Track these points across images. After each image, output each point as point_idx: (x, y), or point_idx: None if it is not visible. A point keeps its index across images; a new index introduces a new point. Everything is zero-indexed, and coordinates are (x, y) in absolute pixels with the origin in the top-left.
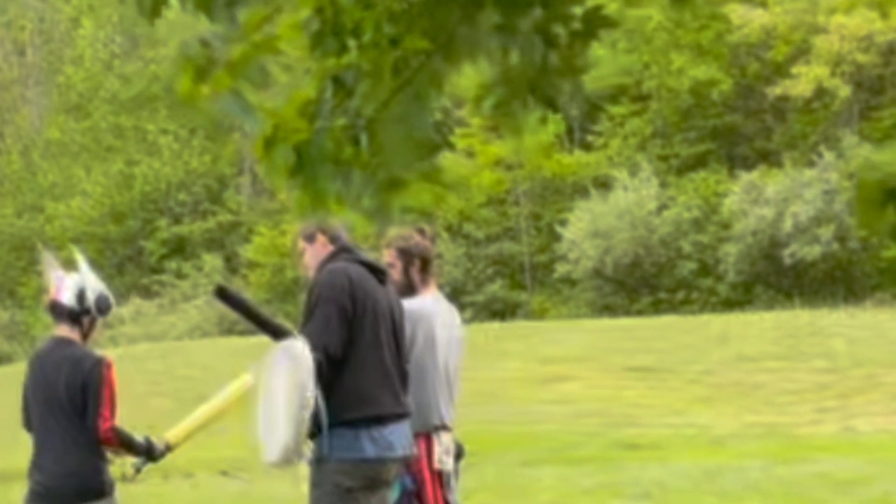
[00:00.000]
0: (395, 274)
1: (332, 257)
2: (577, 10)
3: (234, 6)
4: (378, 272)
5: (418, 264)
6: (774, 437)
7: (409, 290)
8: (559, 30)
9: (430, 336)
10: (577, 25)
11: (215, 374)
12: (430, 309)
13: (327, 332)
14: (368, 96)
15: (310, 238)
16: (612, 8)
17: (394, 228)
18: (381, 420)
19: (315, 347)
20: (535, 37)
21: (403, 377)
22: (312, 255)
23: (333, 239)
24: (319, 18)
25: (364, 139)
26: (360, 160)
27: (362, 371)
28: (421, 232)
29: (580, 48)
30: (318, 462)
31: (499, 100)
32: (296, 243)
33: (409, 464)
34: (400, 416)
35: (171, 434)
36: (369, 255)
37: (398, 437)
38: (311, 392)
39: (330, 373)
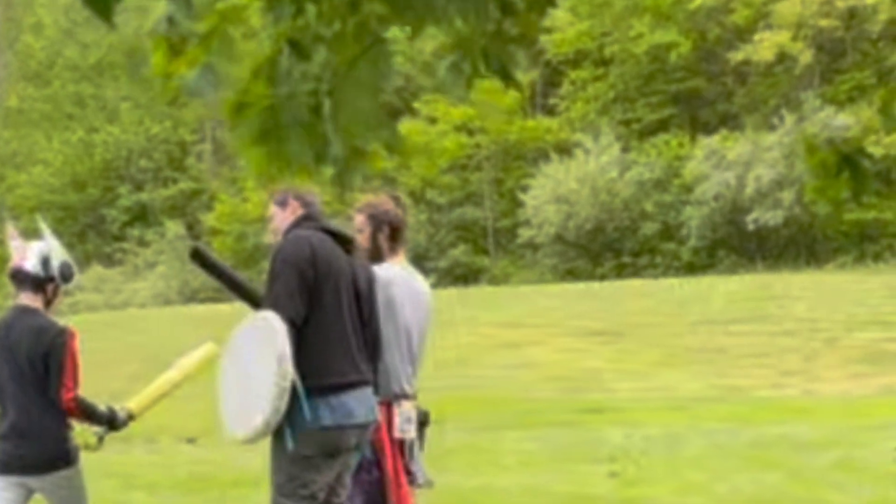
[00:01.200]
0: (364, 239)
1: (297, 224)
2: None
3: None
4: (344, 241)
5: (387, 231)
6: (737, 400)
7: (377, 256)
8: None
9: (391, 303)
10: None
11: (177, 342)
12: (390, 276)
13: (288, 300)
14: (327, 63)
15: (281, 203)
16: None
17: (362, 194)
18: (339, 388)
19: (282, 316)
20: (490, 2)
21: (369, 345)
22: (281, 220)
23: (305, 205)
24: None
25: (327, 105)
26: (321, 127)
27: (321, 340)
28: (395, 199)
29: (537, 15)
30: (277, 431)
31: (452, 65)
32: (267, 207)
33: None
34: (360, 384)
35: (134, 403)
36: (336, 224)
37: (358, 405)
38: (290, 364)
39: (294, 341)
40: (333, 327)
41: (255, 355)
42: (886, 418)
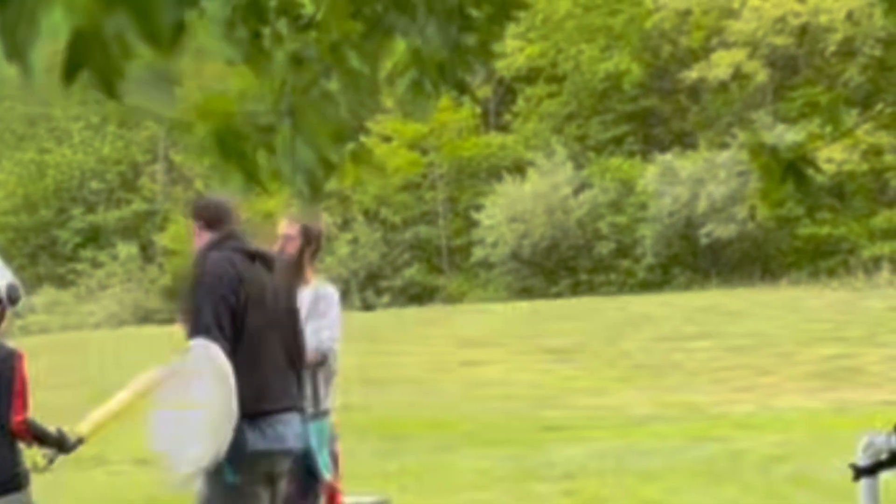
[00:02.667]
0: (291, 247)
1: (216, 244)
2: None
3: None
4: (264, 259)
5: (314, 248)
6: (692, 417)
7: (299, 269)
8: (474, 12)
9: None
10: (489, 8)
11: (131, 364)
12: (334, 295)
13: (218, 329)
14: (293, 80)
15: (198, 219)
16: None
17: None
18: (271, 413)
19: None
20: (450, 18)
21: (297, 366)
22: (201, 240)
23: (220, 221)
24: (230, 5)
25: (287, 122)
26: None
27: (251, 366)
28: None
29: (497, 30)
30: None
31: (411, 81)
32: (189, 225)
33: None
34: (291, 409)
35: (83, 426)
36: (253, 242)
37: (288, 430)
38: (233, 389)
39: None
40: (263, 352)
41: (194, 385)
42: (841, 433)
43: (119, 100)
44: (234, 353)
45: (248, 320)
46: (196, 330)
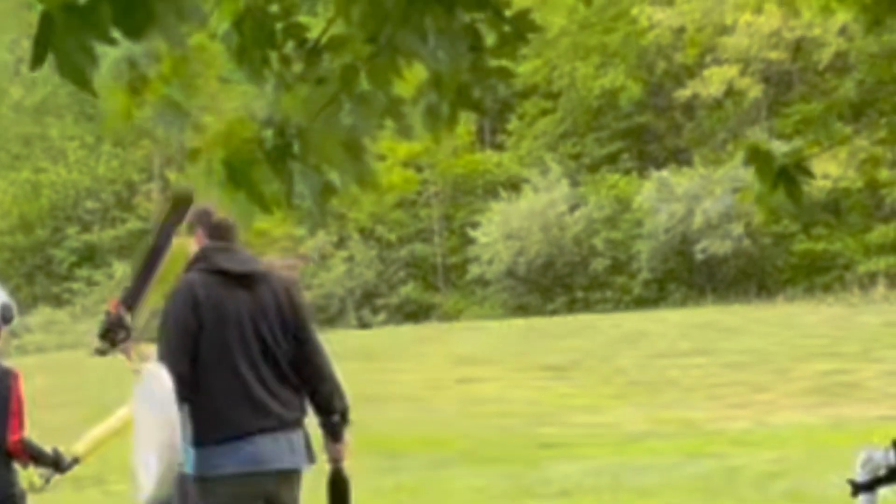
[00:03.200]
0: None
1: (191, 264)
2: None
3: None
4: (243, 278)
5: None
6: (689, 433)
7: None
8: (488, 33)
9: None
10: (507, 28)
11: (126, 383)
12: None
13: (171, 355)
14: (303, 103)
15: (188, 231)
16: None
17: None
18: (239, 437)
19: (167, 369)
20: (463, 40)
21: (279, 385)
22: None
23: (211, 233)
24: (237, 31)
25: (296, 146)
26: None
27: (215, 390)
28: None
29: (510, 51)
30: (180, 483)
31: (427, 105)
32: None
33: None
34: (270, 429)
35: (79, 446)
36: (237, 256)
37: (269, 450)
38: (175, 414)
39: (186, 393)
40: (228, 375)
41: (143, 410)
42: (836, 449)
43: (89, 88)
44: (199, 378)
45: (212, 345)
46: (158, 354)
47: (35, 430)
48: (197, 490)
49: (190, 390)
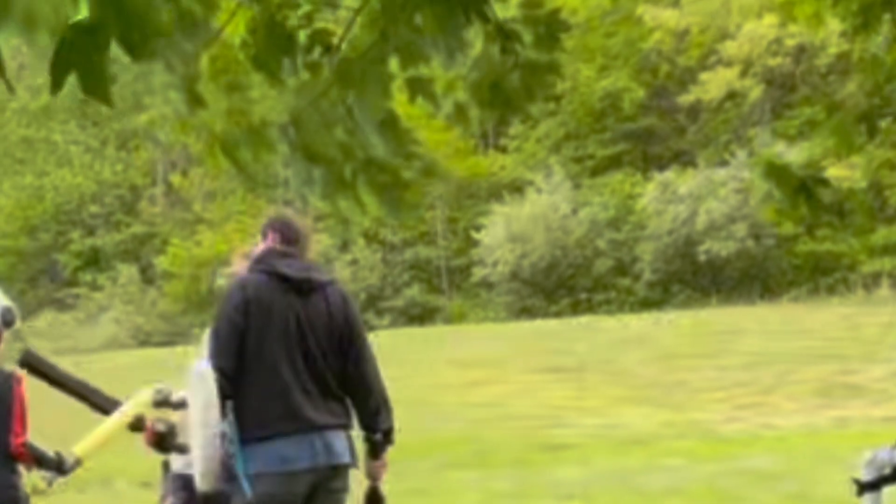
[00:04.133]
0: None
1: (252, 265)
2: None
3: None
4: (297, 283)
5: None
6: (694, 435)
7: None
8: (523, 33)
9: None
10: (541, 29)
11: (130, 387)
12: None
13: (218, 349)
14: (296, 92)
15: (262, 234)
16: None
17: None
18: (269, 437)
19: (213, 366)
20: (496, 41)
21: (321, 392)
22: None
23: (282, 239)
24: (253, 39)
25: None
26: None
27: (254, 389)
28: None
29: (547, 50)
30: (228, 480)
31: (458, 105)
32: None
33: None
34: (299, 431)
35: (80, 447)
36: (297, 263)
37: (298, 451)
38: (217, 411)
39: (229, 391)
40: (269, 376)
41: (190, 406)
42: (841, 450)
43: (108, 101)
44: (240, 376)
45: (258, 344)
46: (208, 351)
47: (38, 433)
48: (239, 486)
49: (232, 387)
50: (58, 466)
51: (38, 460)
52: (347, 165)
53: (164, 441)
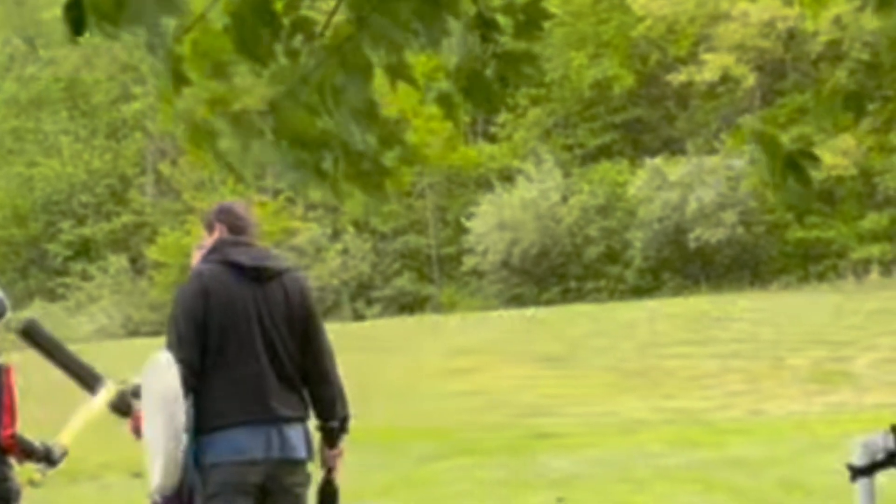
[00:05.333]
0: None
1: (206, 256)
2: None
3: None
4: (254, 271)
5: None
6: (684, 423)
7: None
8: (505, 21)
9: None
10: (521, 17)
11: (121, 377)
12: None
13: (180, 341)
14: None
15: (208, 227)
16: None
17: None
18: (227, 426)
19: (176, 359)
20: (476, 30)
21: (280, 382)
22: (203, 250)
23: (231, 228)
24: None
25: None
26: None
27: (216, 380)
28: None
29: (528, 38)
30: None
31: (439, 93)
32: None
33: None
34: (259, 422)
35: (64, 437)
36: (252, 251)
37: (254, 441)
38: (181, 404)
39: (193, 383)
40: (229, 367)
41: (149, 400)
42: (831, 437)
43: (117, 32)
44: (204, 367)
45: (215, 334)
46: (167, 343)
47: (29, 425)
48: (197, 477)
49: (197, 380)
50: (46, 457)
51: (27, 452)
52: (327, 153)
53: None
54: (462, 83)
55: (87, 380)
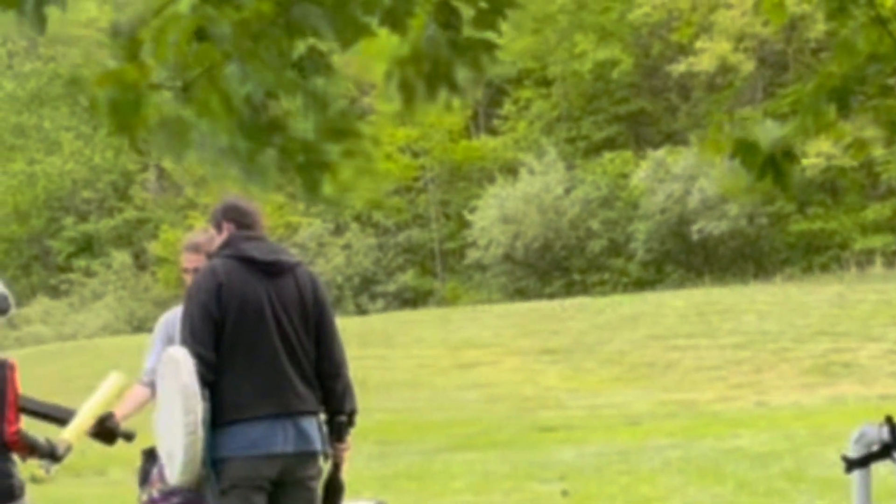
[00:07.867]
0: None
1: (216, 251)
2: None
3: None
4: (266, 266)
5: None
6: (688, 415)
7: None
8: (466, 8)
9: None
10: (483, 4)
11: (125, 373)
12: None
13: (195, 336)
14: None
15: (216, 225)
16: None
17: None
18: (242, 420)
19: (191, 353)
20: (439, 14)
21: (295, 375)
22: (213, 245)
23: (239, 225)
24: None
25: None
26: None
27: (231, 373)
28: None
29: (489, 25)
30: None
31: (403, 81)
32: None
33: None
34: (273, 416)
35: (68, 433)
36: (264, 245)
37: (269, 435)
38: (199, 398)
39: (208, 377)
40: (244, 361)
41: (166, 394)
42: (836, 428)
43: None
44: (219, 362)
45: (227, 330)
46: (181, 338)
47: (33, 421)
48: (211, 471)
49: (212, 374)
50: (51, 454)
51: (32, 448)
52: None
53: None
54: (422, 73)
55: (56, 414)
